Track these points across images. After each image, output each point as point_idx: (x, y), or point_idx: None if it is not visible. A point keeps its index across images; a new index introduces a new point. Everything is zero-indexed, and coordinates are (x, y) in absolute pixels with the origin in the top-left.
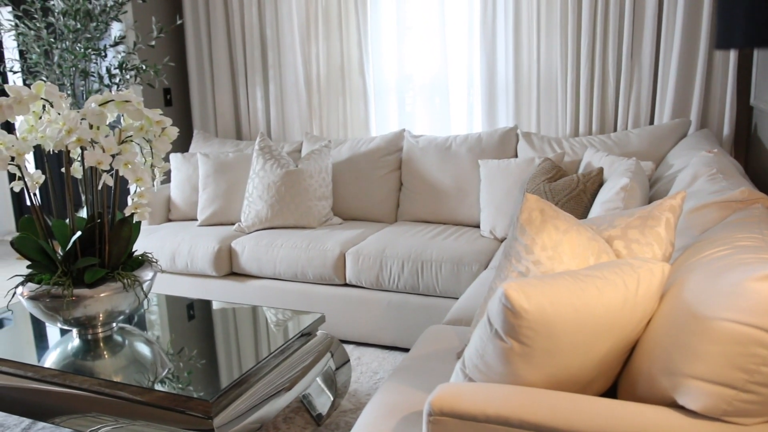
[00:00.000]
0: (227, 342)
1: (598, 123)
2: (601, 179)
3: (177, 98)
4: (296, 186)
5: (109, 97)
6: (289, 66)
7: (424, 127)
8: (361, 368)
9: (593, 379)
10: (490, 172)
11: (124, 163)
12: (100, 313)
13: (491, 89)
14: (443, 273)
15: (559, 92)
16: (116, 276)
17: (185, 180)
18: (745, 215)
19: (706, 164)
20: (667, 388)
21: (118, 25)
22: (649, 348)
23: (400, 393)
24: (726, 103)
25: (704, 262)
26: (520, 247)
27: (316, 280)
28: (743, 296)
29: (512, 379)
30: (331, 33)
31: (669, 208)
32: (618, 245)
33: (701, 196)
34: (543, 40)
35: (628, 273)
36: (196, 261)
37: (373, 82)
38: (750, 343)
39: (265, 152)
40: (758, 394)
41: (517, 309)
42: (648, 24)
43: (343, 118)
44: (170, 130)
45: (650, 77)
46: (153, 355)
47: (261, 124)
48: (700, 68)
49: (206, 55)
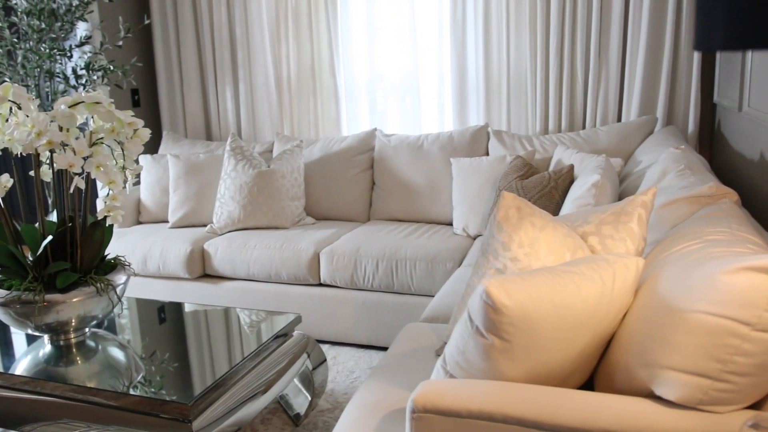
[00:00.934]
0: (203, 345)
1: (567, 121)
2: (572, 176)
3: (145, 99)
4: (269, 186)
5: (79, 98)
6: (259, 66)
7: (396, 126)
8: (337, 368)
9: (572, 373)
10: (462, 170)
11: (97, 166)
12: (72, 318)
13: (462, 88)
14: (418, 271)
15: (529, 90)
16: (89, 280)
17: (155, 182)
18: (713, 210)
19: (675, 160)
20: (645, 379)
21: (84, 25)
22: (625, 341)
23: (381, 391)
24: (690, 100)
25: (677, 256)
26: (497, 244)
27: (290, 280)
28: (716, 289)
29: (493, 374)
30: (301, 32)
31: (641, 204)
32: (593, 241)
33: (671, 191)
34: (512, 38)
35: (604, 268)
36: (168, 263)
37: (344, 81)
38: (723, 334)
39: (237, 153)
40: (732, 383)
41: (498, 305)
42: (615, 23)
43: (314, 118)
44: (142, 131)
45: (617, 75)
46: (127, 360)
47: (231, 125)
48: (665, 66)
49: (174, 55)
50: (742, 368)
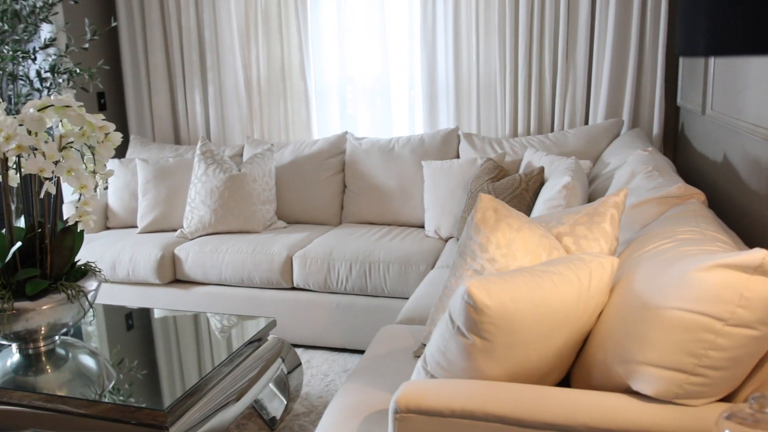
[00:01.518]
0: (177, 351)
1: (536, 123)
2: (542, 178)
3: (111, 102)
4: (240, 190)
5: (48, 102)
6: (228, 68)
7: (366, 129)
8: (311, 371)
9: (550, 371)
10: (434, 173)
11: (68, 170)
12: (42, 326)
13: (432, 91)
14: (391, 274)
15: (498, 94)
16: (59, 287)
17: (123, 186)
18: (682, 210)
19: (643, 162)
20: (622, 375)
21: (48, 27)
22: (602, 338)
23: (361, 393)
24: (655, 103)
25: (650, 255)
26: (474, 245)
27: (263, 284)
28: (690, 286)
29: (474, 374)
30: (271, 35)
31: (613, 204)
32: (567, 241)
33: (640, 192)
34: (482, 42)
35: (580, 267)
36: (138, 269)
37: (314, 84)
38: (698, 329)
39: (207, 157)
40: (706, 376)
41: (480, 305)
42: (581, 28)
43: (284, 121)
44: (113, 135)
45: (584, 79)
46: (99, 368)
47: (200, 128)
48: (630, 71)
49: (142, 58)
50: (716, 362)
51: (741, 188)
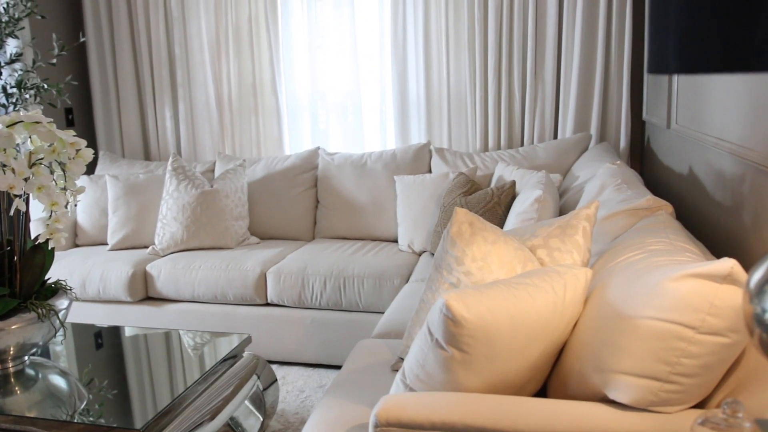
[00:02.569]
0: (152, 369)
1: (506, 138)
2: (513, 192)
3: (79, 118)
4: (212, 206)
5: (17, 117)
6: (199, 84)
7: (338, 144)
8: (286, 387)
9: (527, 382)
10: (406, 188)
11: (38, 187)
12: (11, 346)
13: (403, 106)
14: (365, 288)
15: (469, 109)
16: (29, 306)
17: (93, 203)
18: (651, 221)
19: (612, 175)
20: (598, 384)
21: (15, 42)
22: (577, 348)
23: (339, 408)
24: (621, 118)
25: (622, 266)
26: (450, 259)
27: (236, 300)
28: (662, 295)
29: (453, 386)
30: (242, 51)
31: (585, 217)
32: (541, 253)
33: (610, 205)
34: (452, 58)
35: (555, 279)
36: (109, 287)
37: (285, 99)
38: (670, 338)
39: (179, 173)
40: (680, 384)
41: (458, 318)
42: (549, 44)
43: (256, 137)
44: (85, 152)
45: (553, 94)
46: (70, 388)
47: (171, 144)
48: (597, 86)
49: (111, 73)
50: (689, 369)
51: (706, 200)
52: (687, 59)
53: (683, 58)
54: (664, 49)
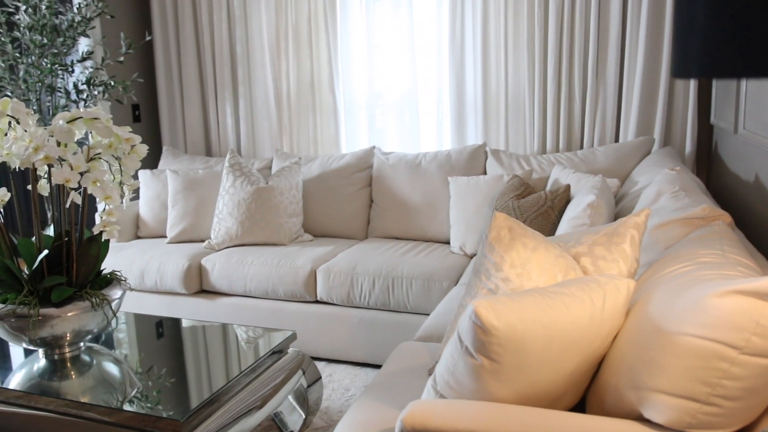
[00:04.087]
0: (197, 360)
1: (564, 140)
2: (568, 196)
3: (145, 114)
4: (267, 203)
5: (77, 114)
6: (259, 82)
7: (394, 143)
8: (332, 385)
9: (562, 394)
10: (460, 189)
11: (93, 181)
12: (67, 332)
13: (460, 107)
14: (414, 289)
15: (527, 110)
16: (84, 295)
17: (154, 197)
18: (706, 232)
19: (670, 182)
20: (633, 401)
21: (86, 41)
22: (615, 363)
23: (372, 410)
24: (688, 121)
25: (668, 278)
26: (489, 264)
27: (287, 297)
28: (705, 312)
29: (483, 395)
30: (301, 49)
31: (634, 225)
32: (585, 262)
33: (665, 213)
34: (511, 58)
35: (594, 290)
36: (165, 279)
37: (343, 98)
38: (711, 357)
39: (235, 169)
40: (720, 406)
41: (487, 326)
42: (612, 44)
43: (313, 135)
44: (139, 147)
45: (615, 96)
46: (121, 375)
47: (231, 141)
48: (662, 88)
49: (175, 71)
50: (731, 392)
51: None
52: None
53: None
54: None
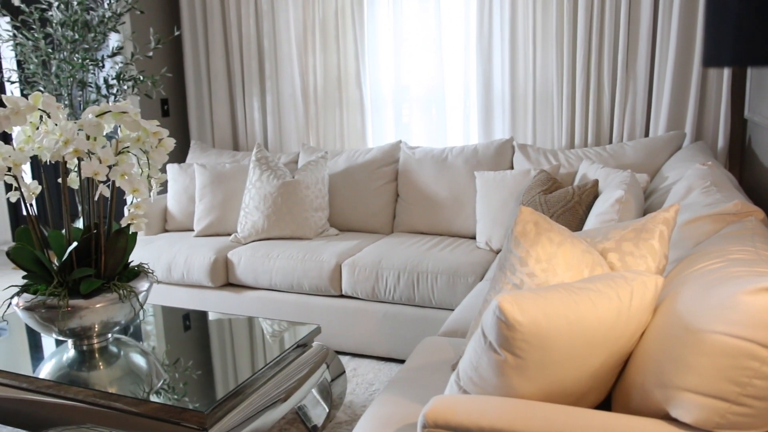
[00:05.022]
0: (223, 353)
1: (593, 135)
2: (596, 191)
3: (174, 109)
4: (293, 197)
5: (106, 108)
6: (286, 77)
7: (421, 138)
8: (356, 380)
9: (587, 392)
10: (486, 184)
11: (121, 174)
12: (95, 323)
13: (487, 101)
14: (439, 284)
15: (555, 104)
16: (112, 287)
17: (182, 190)
18: (738, 228)
19: (701, 177)
20: (660, 400)
21: (116, 36)
22: (642, 360)
23: (395, 405)
24: (720, 115)
25: (697, 274)
26: (514, 259)
27: (311, 291)
28: (735, 309)
29: (506, 391)
30: (328, 44)
31: (662, 221)
32: (612, 258)
33: (695, 208)
34: (539, 52)
35: (621, 286)
36: (192, 272)
37: (369, 93)
38: (742, 356)
39: (262, 163)
40: (751, 407)
41: (511, 321)
42: (643, 37)
43: (339, 129)
44: (167, 141)
45: (645, 90)
46: (148, 366)
47: (258, 135)
48: (694, 81)
49: (204, 66)
50: (761, 392)
51: None
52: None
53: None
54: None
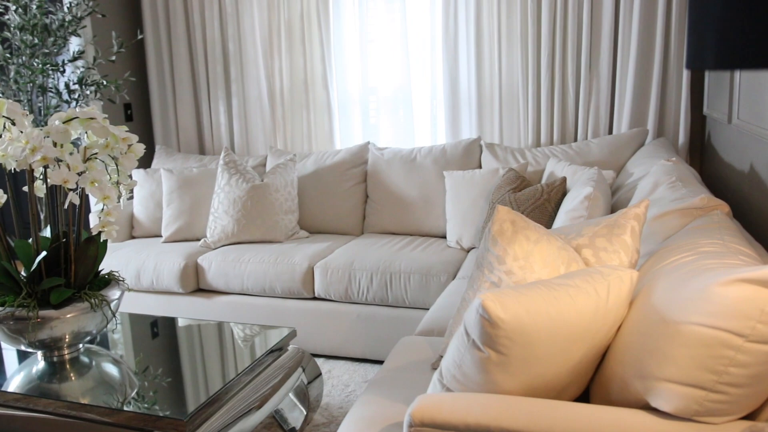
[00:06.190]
0: (198, 360)
1: (559, 133)
2: (564, 188)
3: (138, 113)
4: (262, 200)
5: (73, 114)
6: (252, 80)
7: (389, 139)
8: (332, 381)
9: (567, 385)
10: (455, 183)
11: (91, 182)
12: (66, 334)
13: (454, 101)
14: (412, 284)
15: (521, 103)
16: (83, 296)
17: (148, 196)
18: (705, 222)
19: (666, 173)
20: (640, 391)
21: (77, 40)
22: (620, 353)
23: (377, 405)
24: (681, 112)
25: (670, 268)
26: (492, 257)
27: (284, 294)
28: (710, 300)
29: (490, 387)
30: (294, 46)
31: (634, 216)
32: (586, 253)
33: (663, 203)
34: (504, 52)
35: (598, 281)
36: (161, 278)
37: (336, 94)
38: (718, 345)
39: (230, 167)
40: (727, 393)
41: (494, 319)
42: (605, 37)
43: (307, 132)
44: (136, 147)
45: (608, 88)
46: (121, 376)
47: (224, 139)
48: (655, 79)
49: (167, 69)
50: (737, 379)
51: None
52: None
53: (721, 52)
54: (703, 43)
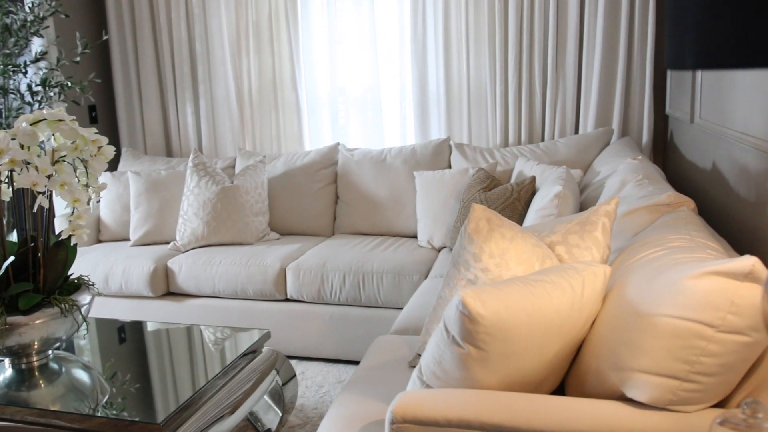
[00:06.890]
0: (172, 364)
1: (526, 133)
2: (533, 187)
3: (103, 115)
4: (232, 202)
5: (41, 116)
6: (219, 81)
7: (358, 139)
8: (306, 382)
9: (544, 379)
10: (426, 183)
11: (61, 184)
12: (35, 340)
13: (423, 101)
14: (384, 284)
15: (489, 104)
16: (53, 301)
17: (115, 199)
18: (672, 218)
19: (633, 171)
20: (616, 382)
21: (39, 41)
22: (595, 346)
23: (356, 404)
24: (644, 112)
25: (642, 263)
26: (468, 255)
27: (256, 296)
28: (681, 293)
29: (470, 383)
30: (262, 47)
31: (604, 213)
32: (560, 250)
33: (631, 201)
34: (472, 53)
35: (573, 276)
36: (131, 282)
37: (305, 95)
38: (690, 336)
39: (200, 169)
40: (699, 383)
41: (474, 315)
42: (570, 38)
43: (276, 133)
44: (106, 149)
45: (574, 89)
46: (92, 382)
47: (192, 141)
48: (619, 80)
49: (133, 70)
50: (709, 368)
51: (730, 195)
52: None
53: (700, 53)
54: (682, 44)
